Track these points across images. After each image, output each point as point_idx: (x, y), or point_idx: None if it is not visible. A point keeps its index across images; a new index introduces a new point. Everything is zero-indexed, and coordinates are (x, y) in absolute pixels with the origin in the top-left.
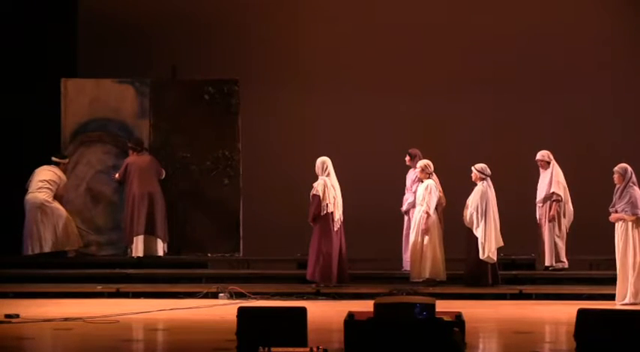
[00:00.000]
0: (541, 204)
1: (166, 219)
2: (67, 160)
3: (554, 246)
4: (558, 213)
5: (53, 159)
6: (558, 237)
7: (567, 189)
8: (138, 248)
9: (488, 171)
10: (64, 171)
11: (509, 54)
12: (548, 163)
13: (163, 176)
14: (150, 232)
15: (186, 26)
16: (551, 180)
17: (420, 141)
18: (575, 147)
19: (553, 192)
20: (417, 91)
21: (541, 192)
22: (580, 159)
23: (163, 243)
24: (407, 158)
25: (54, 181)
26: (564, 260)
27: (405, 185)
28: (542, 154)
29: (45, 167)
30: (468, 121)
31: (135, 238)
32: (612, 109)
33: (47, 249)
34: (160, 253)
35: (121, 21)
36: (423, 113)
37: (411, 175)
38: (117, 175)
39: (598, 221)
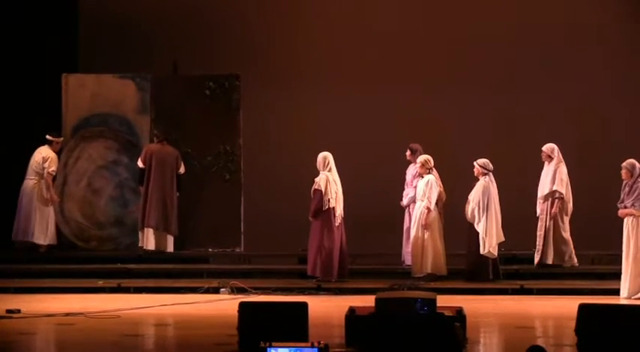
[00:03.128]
0: (542, 201)
1: (177, 215)
2: (60, 138)
3: (557, 245)
4: (561, 211)
5: (47, 137)
6: (561, 236)
7: (570, 186)
8: (149, 241)
9: (491, 167)
10: (56, 151)
11: (511, 48)
12: (550, 157)
13: (183, 171)
14: (162, 228)
15: (187, 21)
16: (555, 176)
17: (421, 136)
18: (577, 142)
19: (556, 190)
20: (418, 86)
21: (543, 188)
22: (581, 154)
23: (174, 237)
24: (408, 153)
25: (38, 163)
26: (572, 257)
27: (405, 180)
28: (546, 147)
29: (38, 149)
30: (469, 116)
31: (146, 229)
32: (615, 103)
33: (20, 237)
34: (171, 249)
35: (122, 16)
36: (424, 108)
37: (412, 170)
38: (139, 162)
39: (600, 216)
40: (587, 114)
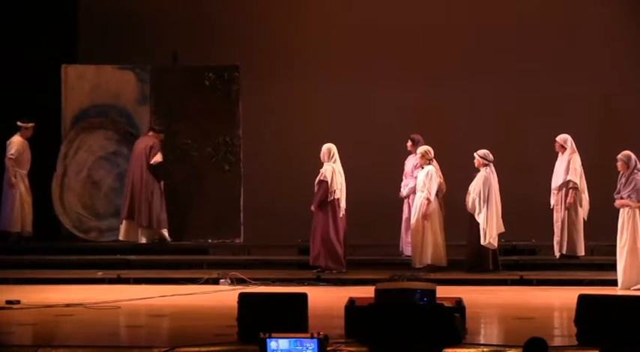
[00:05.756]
0: (556, 191)
1: (151, 205)
2: (30, 124)
3: (570, 236)
4: (575, 202)
5: (17, 123)
6: (575, 226)
7: (584, 177)
8: (120, 231)
9: (491, 157)
10: (26, 137)
11: (512, 39)
12: (564, 148)
13: (157, 160)
14: (131, 217)
15: (186, 12)
16: (569, 167)
17: (421, 127)
18: (576, 135)
19: (569, 180)
20: (419, 77)
21: (557, 179)
22: (580, 147)
23: (144, 228)
24: (409, 143)
25: (7, 152)
26: (581, 250)
27: (404, 170)
28: (560, 138)
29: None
30: (470, 107)
31: (122, 221)
32: (617, 97)
33: (1, 227)
34: (143, 240)
35: (121, 7)
36: (425, 99)
37: (412, 161)
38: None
39: (599, 207)
40: (587, 107)
